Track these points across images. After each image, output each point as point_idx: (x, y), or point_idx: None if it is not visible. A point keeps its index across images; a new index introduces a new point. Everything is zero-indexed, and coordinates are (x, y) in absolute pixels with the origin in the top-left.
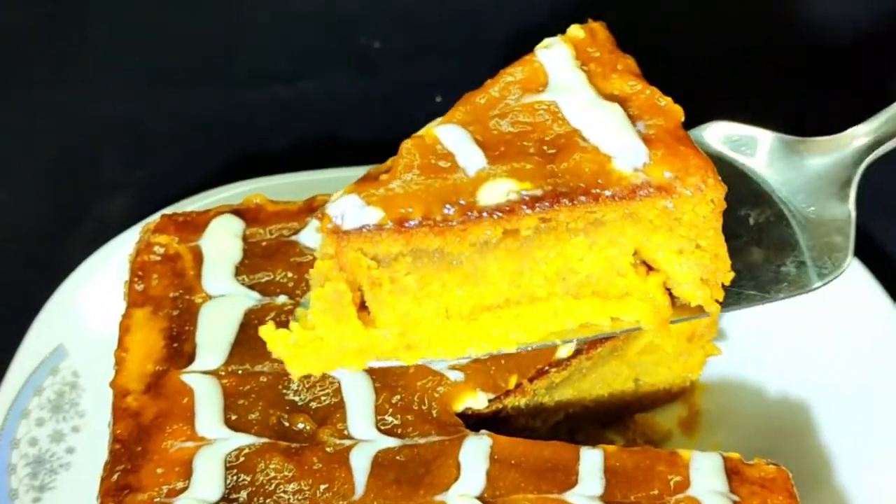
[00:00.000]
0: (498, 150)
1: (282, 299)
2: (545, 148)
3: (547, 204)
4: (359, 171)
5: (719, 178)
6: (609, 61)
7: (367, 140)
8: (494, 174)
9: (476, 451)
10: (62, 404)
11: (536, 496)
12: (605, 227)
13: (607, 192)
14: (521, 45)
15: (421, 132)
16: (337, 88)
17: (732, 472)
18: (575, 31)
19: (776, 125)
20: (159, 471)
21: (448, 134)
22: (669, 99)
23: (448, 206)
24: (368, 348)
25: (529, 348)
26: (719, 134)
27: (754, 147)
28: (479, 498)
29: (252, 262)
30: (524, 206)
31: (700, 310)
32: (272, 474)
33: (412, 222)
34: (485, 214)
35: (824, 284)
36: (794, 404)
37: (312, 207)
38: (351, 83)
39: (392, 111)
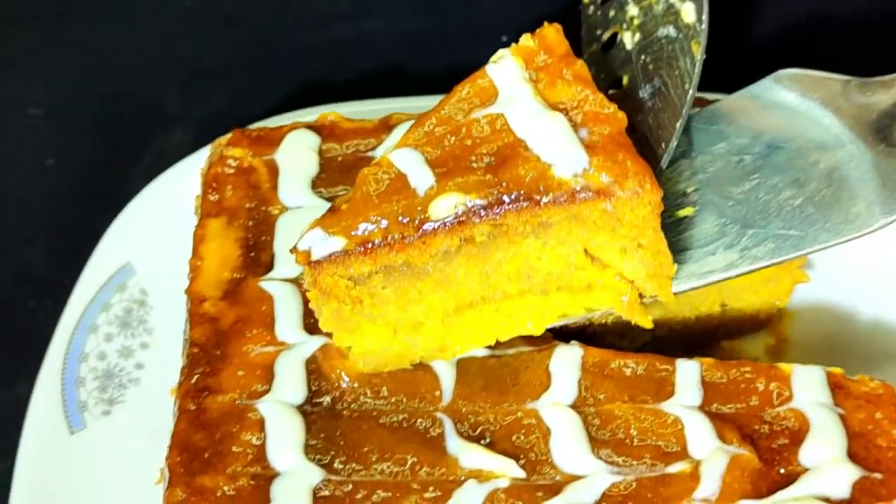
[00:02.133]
0: (446, 167)
1: None
2: (490, 160)
3: (494, 211)
4: (428, 101)
5: (657, 182)
6: (557, 69)
7: (431, 75)
8: (442, 189)
9: (567, 360)
10: (130, 321)
11: (632, 406)
12: (552, 229)
13: (546, 198)
14: None
15: (378, 159)
16: (399, 28)
17: (836, 387)
18: (525, 40)
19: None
20: (240, 374)
21: (401, 157)
22: (614, 105)
23: (403, 224)
24: (404, 352)
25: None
26: (789, 80)
27: (823, 90)
28: (572, 407)
29: (329, 176)
30: (473, 216)
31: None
32: (356, 382)
33: (374, 243)
34: (439, 226)
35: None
36: (886, 330)
37: (388, 125)
38: (414, 23)
39: (456, 50)
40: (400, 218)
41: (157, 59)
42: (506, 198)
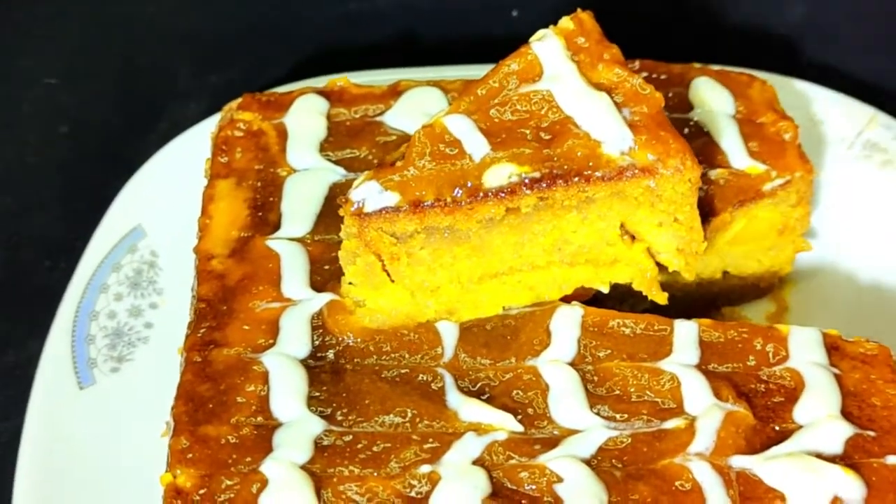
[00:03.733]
0: (500, 137)
1: None
2: (542, 134)
3: (544, 185)
4: (439, 72)
5: (696, 159)
6: (597, 51)
7: (443, 47)
8: (497, 159)
9: (568, 319)
10: (140, 281)
11: (630, 364)
12: (595, 204)
13: (597, 174)
14: None
15: (430, 121)
16: (411, 3)
17: (832, 348)
18: (565, 22)
19: None
20: (245, 328)
21: (455, 123)
22: (651, 87)
23: (457, 188)
24: (415, 312)
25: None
26: None
27: None
28: (571, 364)
29: (337, 140)
30: (524, 188)
31: None
32: (360, 337)
33: (425, 204)
34: (490, 195)
35: None
36: (887, 299)
37: (397, 91)
38: None
39: (467, 24)
40: (454, 182)
41: (171, 31)
42: (558, 172)
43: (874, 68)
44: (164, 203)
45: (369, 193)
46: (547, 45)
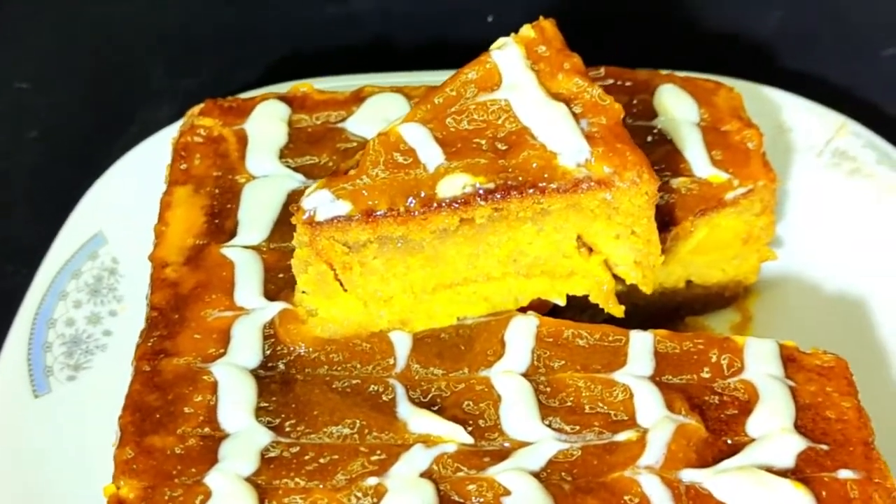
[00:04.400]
0: (455, 147)
1: None
2: (497, 144)
3: (499, 196)
4: (410, 77)
5: (654, 172)
6: (557, 61)
7: (418, 52)
8: (452, 169)
9: (522, 329)
10: (100, 288)
11: (583, 374)
12: (550, 216)
13: (552, 186)
14: None
15: (385, 129)
16: (388, 8)
17: (789, 360)
18: (526, 31)
19: None
20: (196, 337)
21: (410, 132)
22: (611, 98)
23: (410, 198)
24: (367, 322)
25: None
26: None
27: None
28: (524, 375)
29: (297, 146)
30: (478, 198)
31: None
32: (311, 347)
33: (378, 213)
34: (443, 205)
35: None
36: (851, 307)
37: (360, 97)
38: (402, 2)
39: (444, 30)
40: (407, 191)
41: (144, 33)
42: (512, 183)
43: (849, 75)
44: (126, 209)
45: (321, 202)
46: (506, 54)
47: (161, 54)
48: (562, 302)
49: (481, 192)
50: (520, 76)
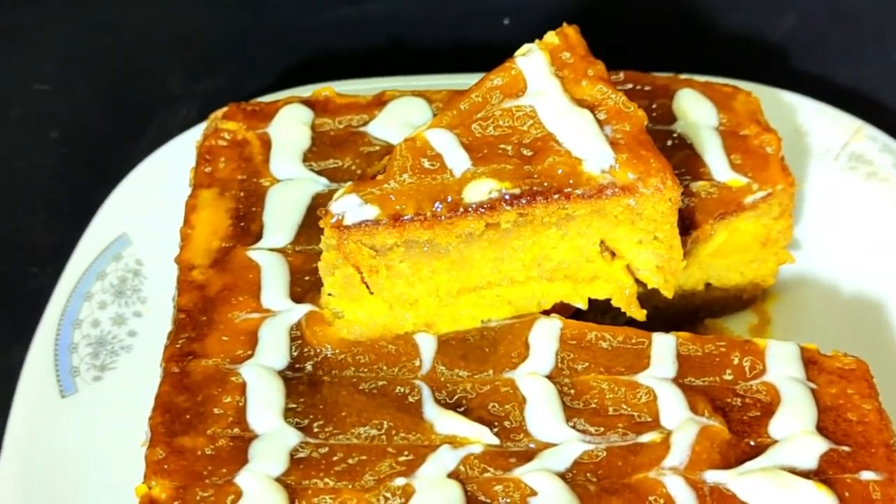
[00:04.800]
0: (481, 153)
1: None
2: (523, 150)
3: (524, 201)
4: (428, 80)
5: (676, 178)
6: (581, 67)
7: (433, 56)
8: (478, 174)
9: (546, 332)
10: (125, 290)
11: (607, 376)
12: (575, 221)
13: (577, 192)
14: None
15: (412, 135)
16: (402, 10)
17: (810, 362)
18: (550, 37)
19: None
20: (224, 339)
21: (437, 137)
22: (634, 105)
23: (437, 203)
24: (393, 325)
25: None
26: None
27: None
28: (549, 377)
29: (320, 150)
30: (504, 203)
31: None
32: (338, 349)
33: (405, 218)
34: (469, 210)
35: None
36: (869, 310)
37: (381, 101)
38: (416, 4)
39: (458, 32)
40: (434, 196)
41: (163, 37)
42: (538, 189)
43: (863, 78)
44: (150, 211)
45: (349, 206)
46: (531, 61)
47: (179, 58)
48: (584, 306)
49: (507, 197)
50: (544, 83)
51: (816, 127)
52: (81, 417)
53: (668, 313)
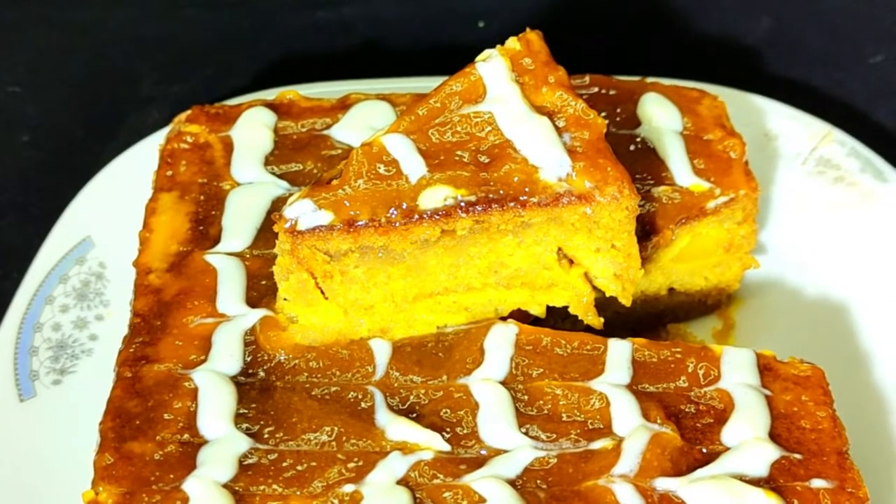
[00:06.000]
0: (437, 159)
1: None
2: (480, 157)
3: (480, 209)
4: (397, 83)
5: (634, 187)
6: (542, 74)
7: (408, 59)
8: (434, 181)
9: (502, 337)
10: (87, 293)
11: (561, 382)
12: (531, 229)
13: (533, 200)
14: None
15: (369, 140)
16: (379, 14)
17: (765, 369)
18: (512, 43)
19: None
20: (178, 343)
21: (393, 143)
22: (594, 112)
23: (392, 209)
24: (347, 330)
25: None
26: None
27: None
28: (503, 383)
29: (282, 153)
30: (459, 211)
31: None
32: (291, 354)
33: (359, 223)
34: (425, 217)
35: None
36: (834, 316)
37: (345, 104)
38: (393, 8)
39: (435, 36)
40: (389, 202)
41: (135, 40)
42: (493, 197)
43: (837, 83)
44: (115, 214)
45: (303, 211)
46: (491, 66)
47: (151, 60)
48: (541, 315)
49: (463, 204)
50: (504, 89)
51: (786, 131)
52: (39, 421)
53: (631, 318)
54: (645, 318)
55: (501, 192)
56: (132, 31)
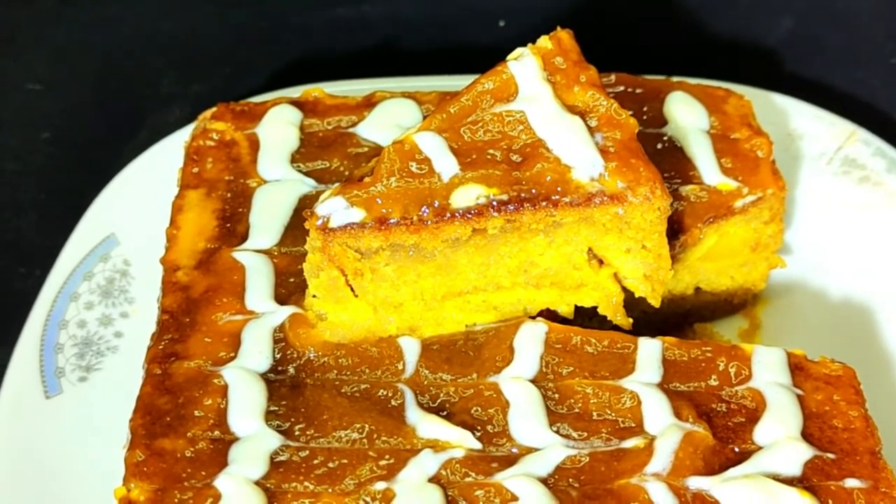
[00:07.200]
0: (470, 157)
1: None
2: (512, 156)
3: (511, 208)
4: (422, 82)
5: (666, 188)
6: (573, 73)
7: (429, 57)
8: (466, 179)
9: (531, 336)
10: (112, 290)
11: (591, 381)
12: (562, 228)
13: (565, 199)
14: None
15: (401, 138)
16: (400, 12)
17: (796, 368)
18: (543, 42)
19: None
20: (207, 341)
21: (425, 141)
22: (626, 112)
23: (424, 207)
24: (377, 328)
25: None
26: None
27: None
28: (533, 381)
29: (308, 151)
30: (491, 210)
31: None
32: (321, 351)
33: (391, 221)
34: (456, 216)
35: None
36: (860, 316)
37: (371, 102)
38: (414, 6)
39: (455, 35)
40: (421, 201)
41: (156, 38)
42: (525, 196)
43: (858, 83)
44: (139, 212)
45: (335, 209)
46: (523, 65)
47: (172, 58)
48: (569, 315)
49: (494, 203)
50: (536, 88)
51: (810, 131)
52: (65, 418)
53: (657, 317)
54: (671, 318)
55: (533, 191)
56: (152, 29)
